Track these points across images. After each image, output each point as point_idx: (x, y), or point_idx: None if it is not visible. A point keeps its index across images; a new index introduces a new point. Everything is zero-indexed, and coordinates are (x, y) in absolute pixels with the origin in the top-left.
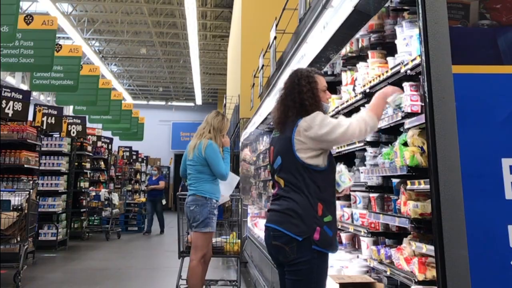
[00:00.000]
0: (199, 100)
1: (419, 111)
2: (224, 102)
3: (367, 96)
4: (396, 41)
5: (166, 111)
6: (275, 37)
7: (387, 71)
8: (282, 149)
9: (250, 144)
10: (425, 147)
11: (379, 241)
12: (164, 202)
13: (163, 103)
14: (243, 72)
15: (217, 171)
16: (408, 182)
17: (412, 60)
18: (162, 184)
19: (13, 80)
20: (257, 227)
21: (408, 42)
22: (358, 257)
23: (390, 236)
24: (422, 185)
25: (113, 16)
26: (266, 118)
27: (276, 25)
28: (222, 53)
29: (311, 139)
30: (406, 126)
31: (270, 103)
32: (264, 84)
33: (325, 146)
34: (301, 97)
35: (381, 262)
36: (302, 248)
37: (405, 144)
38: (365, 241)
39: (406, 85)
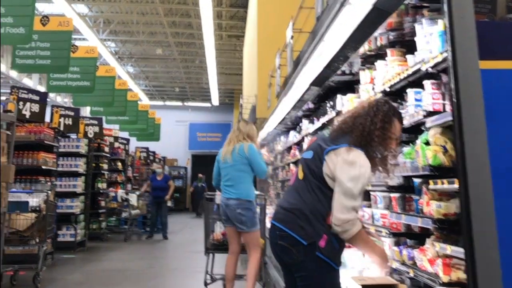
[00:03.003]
0: (215, 101)
1: (441, 110)
2: (241, 102)
3: (387, 94)
4: (415, 39)
5: (183, 112)
6: (291, 37)
7: (407, 69)
8: (317, 149)
9: (267, 144)
10: (447, 146)
11: (399, 241)
12: (169, 203)
13: (179, 103)
14: (260, 71)
15: (260, 168)
16: (431, 182)
17: (433, 58)
18: (173, 186)
19: (30, 82)
20: None
21: (429, 39)
22: None
23: (411, 237)
24: (446, 184)
25: (129, 17)
26: (284, 118)
27: (293, 24)
28: (238, 53)
29: (331, 170)
30: (428, 125)
31: (287, 103)
32: (281, 84)
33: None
34: (372, 128)
35: (403, 263)
36: (308, 252)
37: (427, 143)
38: (386, 242)
39: (427, 83)
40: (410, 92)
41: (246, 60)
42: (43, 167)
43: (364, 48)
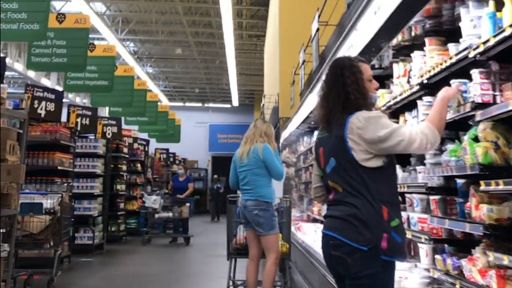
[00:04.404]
0: (235, 102)
1: (491, 101)
2: (263, 102)
3: (425, 87)
4: (460, 24)
5: (203, 113)
6: (317, 29)
7: (450, 58)
8: (335, 149)
9: (290, 145)
10: (500, 142)
11: (436, 248)
12: (188, 205)
13: (199, 104)
14: (282, 69)
15: (276, 171)
16: (482, 182)
17: (483, 43)
18: (191, 188)
19: (48, 82)
20: (301, 231)
21: (476, 23)
22: (416, 265)
23: (453, 243)
24: (501, 185)
25: (148, 16)
26: (307, 117)
27: (319, 16)
28: (258, 53)
29: (365, 141)
30: (477, 119)
31: (312, 100)
32: (306, 81)
33: (378, 152)
34: (346, 90)
35: (447, 273)
36: (368, 259)
37: (475, 139)
38: (424, 248)
39: (474, 72)
40: (454, 83)
41: (267, 59)
42: (59, 167)
43: (397, 39)
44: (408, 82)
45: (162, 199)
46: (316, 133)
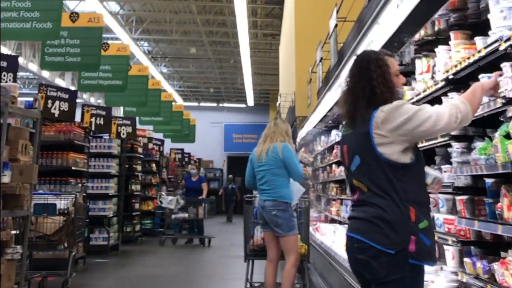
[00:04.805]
0: (250, 101)
1: None
2: (279, 101)
3: (451, 83)
4: (488, 16)
5: (218, 113)
6: (335, 25)
7: (479, 51)
8: (359, 147)
9: (306, 144)
10: None
11: (462, 250)
12: (204, 206)
13: (214, 104)
14: (298, 68)
15: (296, 171)
16: None
17: None
18: (205, 188)
19: (63, 82)
20: (319, 232)
21: (507, 15)
22: (441, 268)
23: (481, 246)
24: None
25: (162, 15)
26: (325, 116)
27: (337, 12)
28: (273, 52)
29: (391, 131)
30: (508, 115)
31: (330, 98)
32: (323, 79)
33: (409, 138)
34: (372, 84)
35: (477, 277)
36: (395, 263)
37: (507, 136)
38: (450, 251)
39: (506, 65)
40: (484, 79)
41: (282, 58)
42: (73, 168)
43: (420, 34)
44: (432, 78)
45: (181, 199)
46: (334, 132)
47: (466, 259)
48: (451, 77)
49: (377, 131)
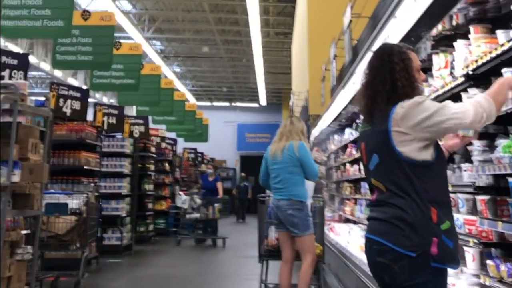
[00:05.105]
0: (263, 101)
1: None
2: (292, 99)
3: (471, 79)
4: None
5: (230, 112)
6: (350, 21)
7: (502, 45)
8: (378, 144)
9: (319, 143)
10: None
11: (483, 252)
12: (217, 205)
13: (227, 104)
14: (311, 66)
15: (311, 170)
16: None
17: None
18: (221, 187)
19: (75, 82)
20: (333, 232)
21: None
22: (462, 270)
23: (503, 248)
24: None
25: (174, 14)
26: (339, 114)
27: (351, 8)
28: (285, 51)
29: (412, 127)
30: None
31: (344, 96)
32: (337, 76)
33: (431, 135)
34: (393, 77)
35: (501, 281)
36: (416, 266)
37: None
38: (471, 252)
39: None
40: (507, 74)
41: (295, 56)
42: (86, 167)
43: (437, 29)
44: (451, 74)
45: (198, 199)
46: (347, 130)
47: (489, 262)
48: (471, 72)
49: (396, 129)
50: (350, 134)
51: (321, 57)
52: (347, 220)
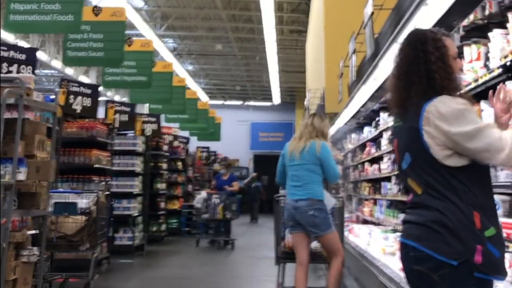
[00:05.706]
0: (277, 99)
1: None
2: (307, 97)
3: (510, 70)
4: None
5: (244, 111)
6: (372, 13)
7: None
8: (410, 143)
9: (335, 142)
10: None
11: None
12: (234, 207)
13: (240, 102)
14: (328, 62)
15: (332, 171)
16: None
17: None
18: (236, 186)
19: (87, 79)
20: (353, 233)
21: None
22: None
23: None
24: None
25: (186, 11)
26: (358, 112)
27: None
28: (299, 49)
29: (444, 133)
30: None
31: (365, 92)
32: (356, 71)
33: (459, 150)
34: (429, 68)
35: None
36: (459, 276)
37: None
38: (508, 258)
39: None
40: None
41: (310, 54)
42: (96, 165)
43: (469, 19)
44: (485, 66)
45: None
46: (366, 129)
47: None
48: (509, 63)
49: (427, 128)
50: (369, 132)
51: (338, 53)
52: (365, 221)
